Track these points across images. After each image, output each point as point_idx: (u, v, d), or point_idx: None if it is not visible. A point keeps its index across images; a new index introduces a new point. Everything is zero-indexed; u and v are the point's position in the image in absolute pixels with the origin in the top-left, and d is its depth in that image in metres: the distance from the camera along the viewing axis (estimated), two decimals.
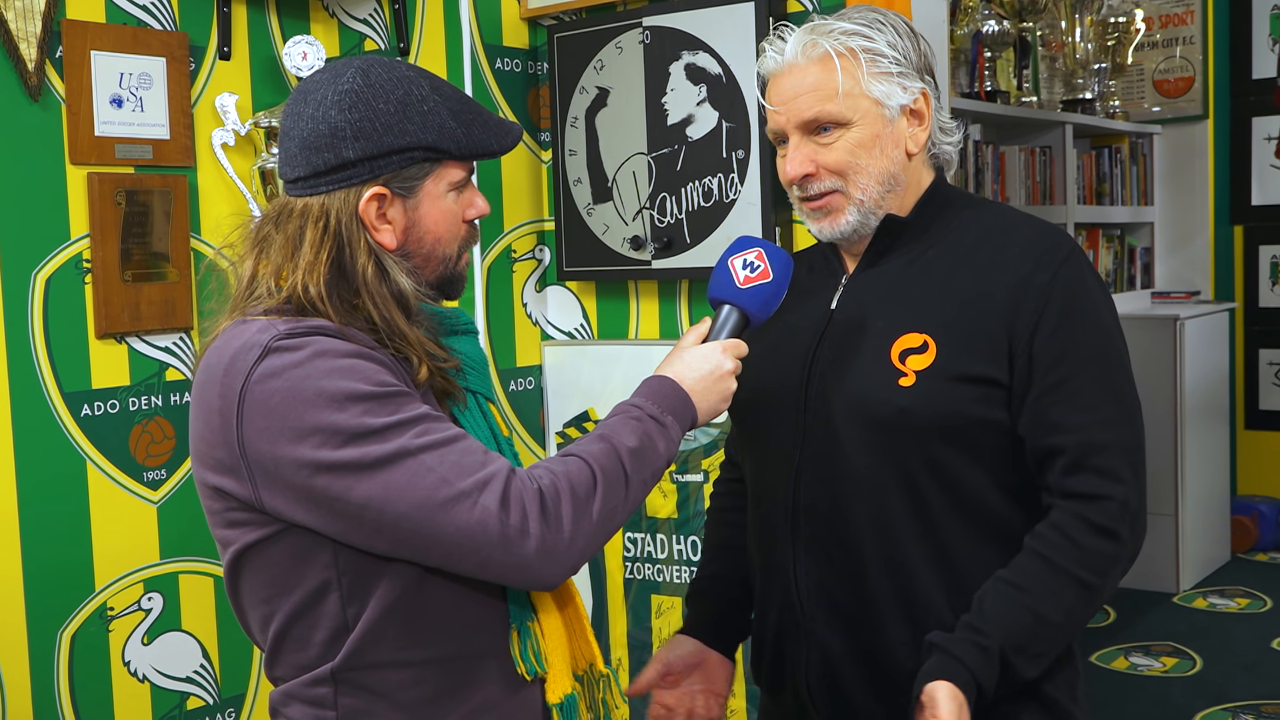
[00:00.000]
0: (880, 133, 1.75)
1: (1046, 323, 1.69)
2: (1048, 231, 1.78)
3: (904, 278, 1.79)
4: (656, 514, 3.22)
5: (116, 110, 2.89)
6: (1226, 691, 4.08)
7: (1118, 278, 5.70)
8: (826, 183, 1.76)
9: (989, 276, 1.73)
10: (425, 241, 1.57)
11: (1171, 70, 5.98)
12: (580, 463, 1.49)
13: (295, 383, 1.41)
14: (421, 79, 1.55)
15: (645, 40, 3.14)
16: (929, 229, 1.81)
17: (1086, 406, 1.67)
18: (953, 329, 1.72)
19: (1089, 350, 1.69)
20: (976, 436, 1.71)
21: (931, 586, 1.74)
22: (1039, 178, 4.98)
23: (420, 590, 1.49)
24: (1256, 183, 5.95)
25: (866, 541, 1.76)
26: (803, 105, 1.74)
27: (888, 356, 1.73)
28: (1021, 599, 1.65)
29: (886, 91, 1.74)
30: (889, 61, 1.74)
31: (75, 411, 2.84)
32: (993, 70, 4.88)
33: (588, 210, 3.29)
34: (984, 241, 1.78)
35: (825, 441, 1.78)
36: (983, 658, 1.62)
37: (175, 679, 3.02)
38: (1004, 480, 1.73)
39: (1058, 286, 1.70)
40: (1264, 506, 5.78)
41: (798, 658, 1.84)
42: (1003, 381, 1.70)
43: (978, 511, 1.74)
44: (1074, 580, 1.65)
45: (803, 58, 1.74)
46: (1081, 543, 1.65)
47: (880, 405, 1.72)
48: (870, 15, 1.77)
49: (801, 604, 1.82)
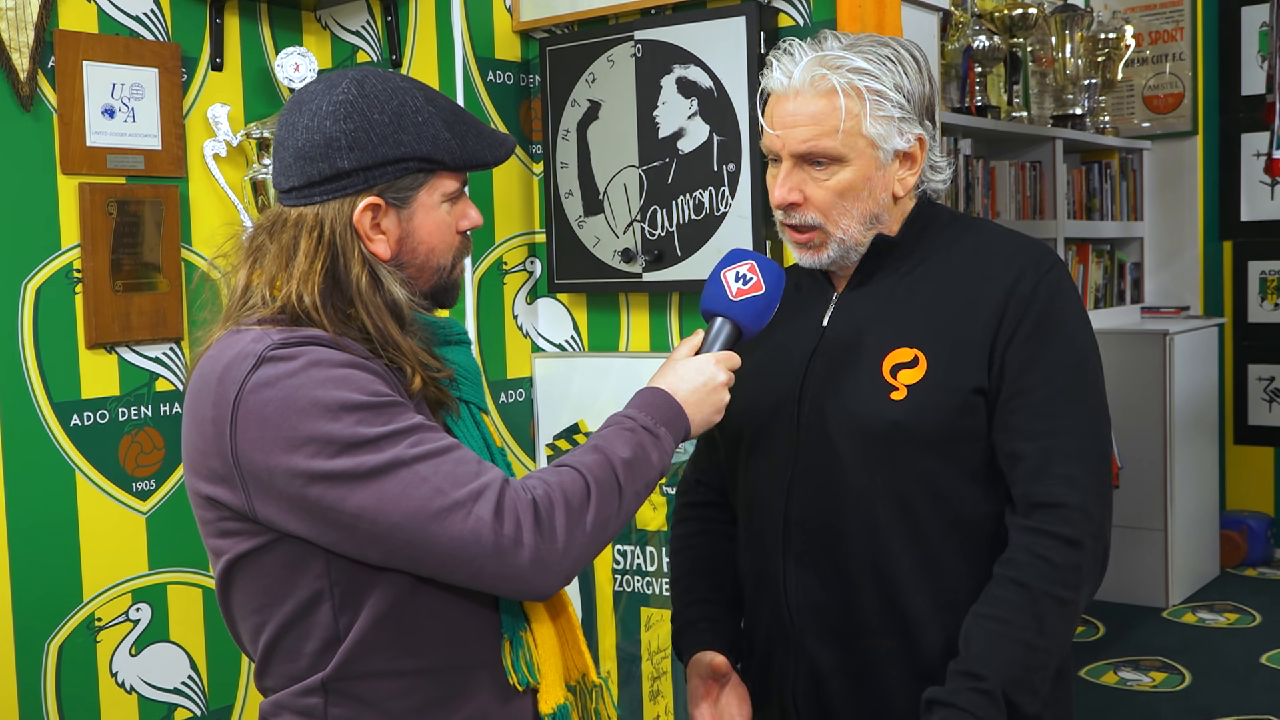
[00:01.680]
0: (871, 175, 1.76)
1: (1022, 330, 1.70)
2: (1031, 245, 1.80)
3: (893, 295, 1.80)
4: (646, 526, 3.22)
5: (108, 120, 2.89)
6: (1215, 706, 4.08)
7: (1107, 293, 5.71)
8: (809, 217, 1.77)
9: (975, 289, 1.75)
10: (419, 252, 1.57)
11: (1161, 86, 6.01)
12: (574, 473, 1.49)
13: (289, 392, 1.41)
14: (416, 90, 1.55)
15: (637, 54, 3.15)
16: (916, 247, 1.83)
17: (1051, 415, 1.69)
18: (942, 342, 1.73)
19: (1060, 363, 1.70)
20: (968, 448, 1.72)
21: (922, 601, 1.74)
22: (1029, 192, 5.00)
23: (412, 600, 1.49)
24: (1246, 198, 5.98)
25: (857, 555, 1.76)
26: (800, 135, 1.74)
27: (879, 371, 1.75)
28: (1008, 632, 1.64)
29: (884, 134, 1.74)
30: (893, 105, 1.73)
31: (64, 421, 2.84)
32: (983, 85, 4.90)
33: (579, 223, 3.29)
34: (970, 256, 1.79)
35: (818, 456, 1.78)
36: (988, 703, 1.62)
37: (163, 690, 3.00)
38: (997, 493, 1.74)
39: (1037, 299, 1.72)
40: (1253, 521, 5.79)
41: (785, 671, 1.84)
42: (989, 392, 1.72)
43: (970, 525, 1.74)
44: (1054, 601, 1.65)
45: (809, 89, 1.73)
46: (1053, 560, 1.65)
47: (873, 419, 1.73)
48: (883, 51, 1.75)
49: (791, 617, 1.82)
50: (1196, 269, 5.99)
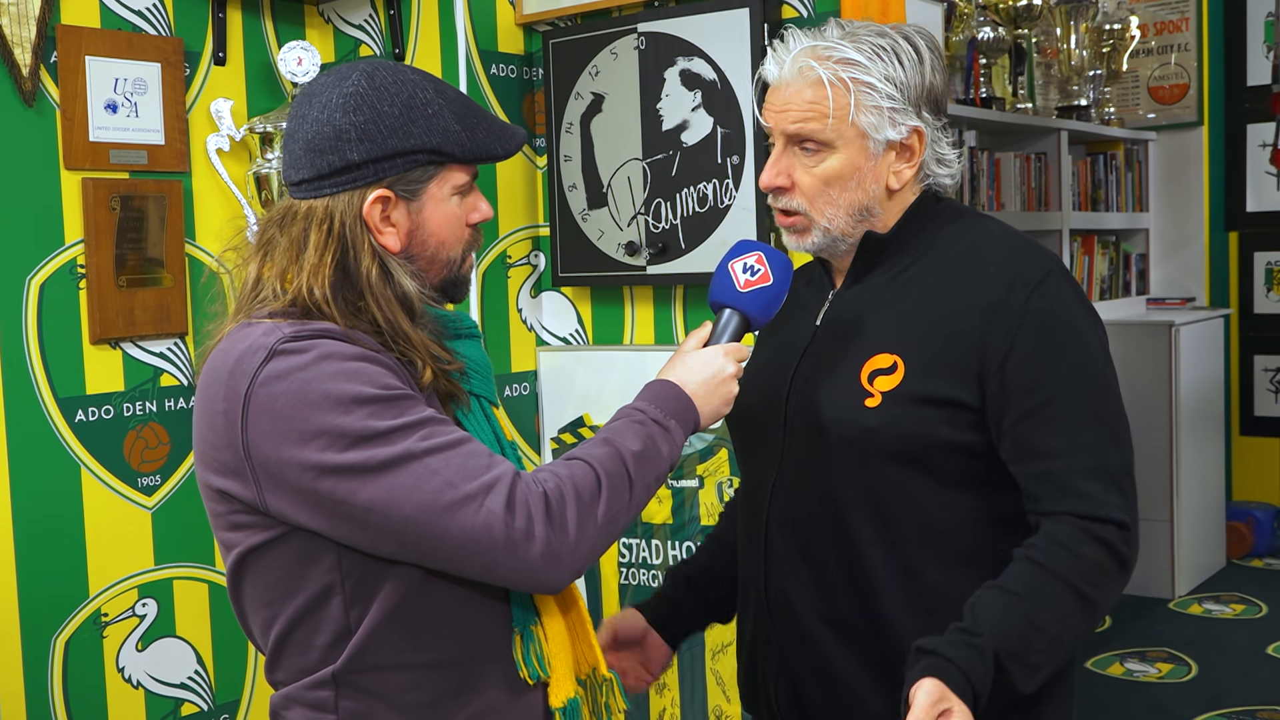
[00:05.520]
0: (861, 165, 1.74)
1: (1021, 346, 1.66)
2: (1026, 250, 1.75)
3: (883, 296, 1.78)
4: (652, 519, 3.22)
5: (111, 116, 2.88)
6: (1222, 697, 4.08)
7: (1113, 284, 5.70)
8: (796, 202, 1.77)
9: (963, 297, 1.71)
10: (429, 244, 1.57)
11: (1166, 77, 5.99)
12: (584, 466, 1.49)
13: (300, 385, 1.41)
14: (426, 82, 1.55)
15: (640, 46, 3.14)
16: (910, 244, 1.79)
17: (1068, 432, 1.64)
18: (922, 351, 1.70)
19: (1068, 374, 1.66)
20: (943, 459, 1.69)
21: (898, 611, 1.71)
22: (1034, 184, 4.99)
23: (423, 593, 1.49)
24: (1251, 189, 5.97)
25: (831, 560, 1.75)
26: (791, 118, 1.74)
27: (857, 377, 1.73)
28: (1016, 605, 1.60)
29: (875, 124, 1.72)
30: (881, 96, 1.72)
31: (69, 417, 2.83)
32: (988, 77, 4.89)
33: (583, 216, 3.28)
34: (963, 260, 1.75)
35: (800, 458, 1.78)
36: (976, 656, 1.55)
37: (170, 685, 3.00)
38: (975, 504, 1.71)
39: (1032, 309, 1.67)
40: (1259, 512, 5.78)
41: (767, 672, 1.84)
42: (970, 404, 1.67)
43: (945, 536, 1.71)
44: (1070, 589, 1.61)
45: (799, 78, 1.74)
46: (1078, 552, 1.61)
47: (846, 425, 1.71)
48: (878, 42, 1.74)
49: (771, 619, 1.81)
50: (1202, 260, 5.98)
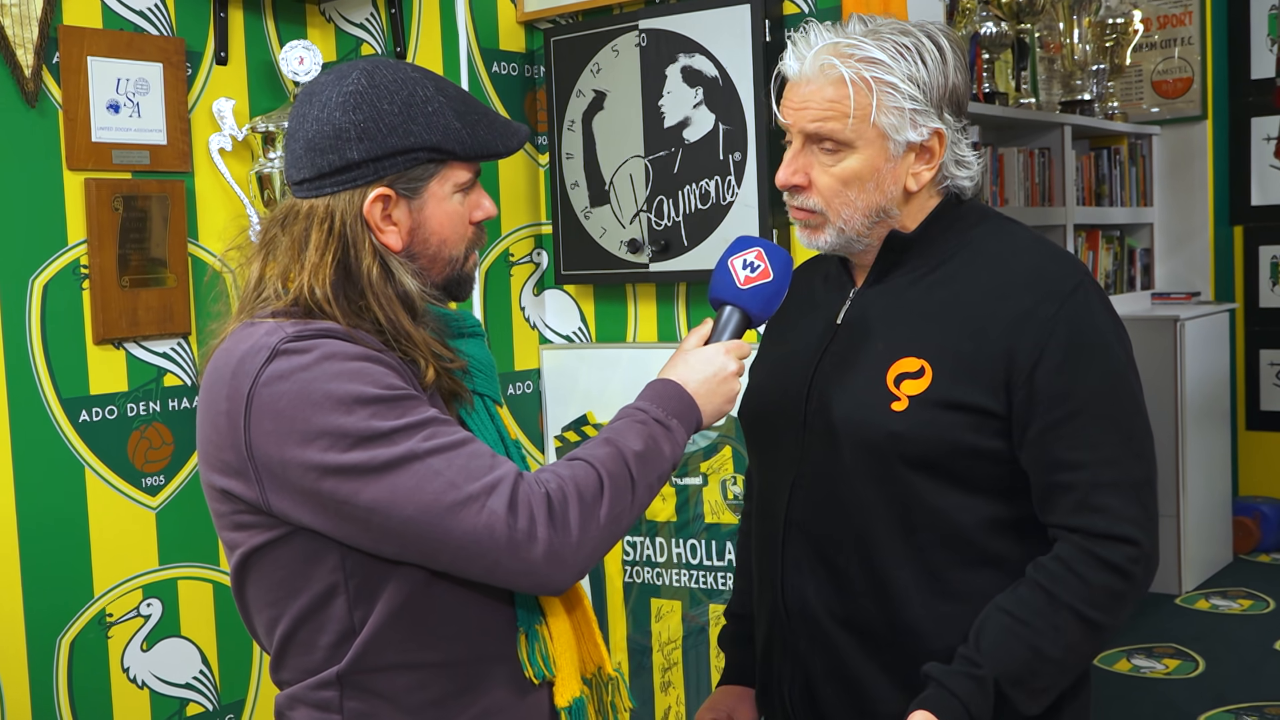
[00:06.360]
0: (880, 166, 1.71)
1: (1049, 358, 1.64)
2: (1056, 259, 1.73)
3: (907, 298, 1.76)
4: (656, 517, 3.21)
5: (113, 116, 2.88)
6: (1229, 693, 4.07)
7: (1117, 279, 5.69)
8: (812, 201, 1.74)
9: (992, 304, 1.69)
10: (431, 243, 1.57)
11: (1170, 71, 5.98)
12: (587, 467, 1.48)
13: (303, 385, 1.41)
14: (426, 80, 1.54)
15: (641, 43, 3.14)
16: (935, 246, 1.77)
17: (1092, 445, 1.63)
18: (950, 356, 1.68)
19: (1096, 387, 1.65)
20: (968, 465, 1.68)
21: (919, 615, 1.71)
22: (1038, 179, 4.98)
23: (427, 593, 1.49)
24: (1256, 183, 5.95)
25: (853, 563, 1.74)
26: (810, 116, 1.71)
27: (883, 380, 1.71)
28: (1020, 632, 1.61)
29: (896, 125, 1.69)
30: (904, 96, 1.68)
31: (73, 418, 2.83)
32: (991, 72, 4.88)
33: (585, 213, 3.28)
34: (991, 266, 1.73)
35: (820, 458, 1.76)
36: (976, 687, 1.59)
37: (174, 685, 3.00)
38: (998, 511, 1.70)
39: (1062, 321, 1.65)
40: (1266, 507, 5.77)
41: (782, 673, 1.83)
42: (998, 412, 1.66)
43: (969, 541, 1.70)
44: (1076, 616, 1.61)
45: (820, 76, 1.70)
46: (1087, 578, 1.61)
47: (872, 429, 1.70)
48: (901, 41, 1.70)
49: (787, 620, 1.80)
50: (1207, 254, 5.97)
